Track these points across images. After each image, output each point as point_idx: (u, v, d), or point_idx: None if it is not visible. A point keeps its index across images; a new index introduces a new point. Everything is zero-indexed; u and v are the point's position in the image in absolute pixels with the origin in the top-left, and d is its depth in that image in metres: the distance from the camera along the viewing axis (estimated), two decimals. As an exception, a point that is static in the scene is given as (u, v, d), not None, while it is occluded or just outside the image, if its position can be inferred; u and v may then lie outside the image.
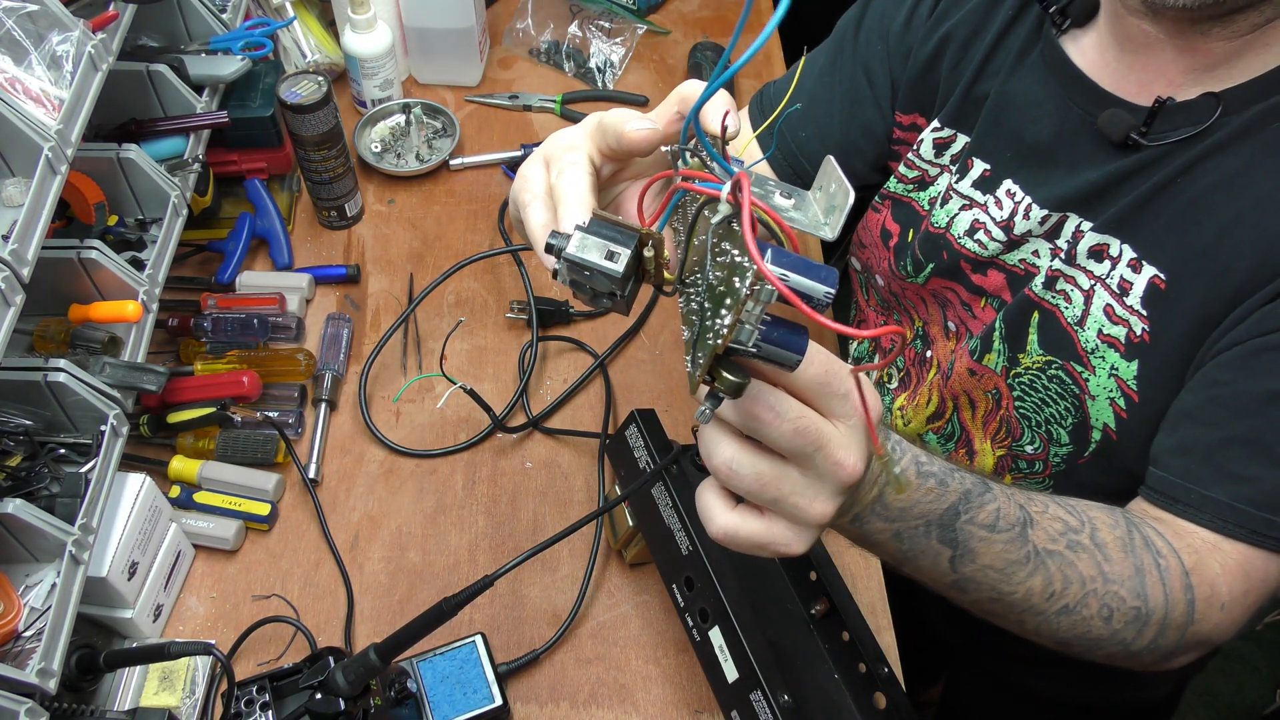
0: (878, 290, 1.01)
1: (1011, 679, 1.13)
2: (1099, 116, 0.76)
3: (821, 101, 0.96)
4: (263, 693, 0.79)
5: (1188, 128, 0.72)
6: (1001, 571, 0.63)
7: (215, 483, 1.01)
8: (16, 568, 0.79)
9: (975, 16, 0.85)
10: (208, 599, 0.96)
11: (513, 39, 1.48)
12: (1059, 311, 0.81)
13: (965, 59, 0.85)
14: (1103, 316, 0.78)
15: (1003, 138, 0.84)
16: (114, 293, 0.93)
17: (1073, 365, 0.80)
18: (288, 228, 1.22)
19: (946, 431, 0.94)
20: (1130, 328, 0.76)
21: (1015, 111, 0.82)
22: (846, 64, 0.94)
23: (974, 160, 0.86)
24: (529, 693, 0.91)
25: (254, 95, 1.16)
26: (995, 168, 0.85)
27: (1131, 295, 0.76)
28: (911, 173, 0.92)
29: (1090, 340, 0.79)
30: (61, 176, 0.81)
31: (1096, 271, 0.78)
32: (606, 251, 0.48)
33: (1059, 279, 0.80)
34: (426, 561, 0.99)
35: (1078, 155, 0.79)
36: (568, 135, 0.58)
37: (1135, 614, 0.66)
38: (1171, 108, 0.72)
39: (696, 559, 0.82)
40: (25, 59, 0.82)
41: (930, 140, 0.89)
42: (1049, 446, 0.85)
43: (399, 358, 1.14)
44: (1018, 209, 0.82)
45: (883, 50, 0.91)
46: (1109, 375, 0.78)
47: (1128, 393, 0.77)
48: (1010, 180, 0.83)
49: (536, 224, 0.55)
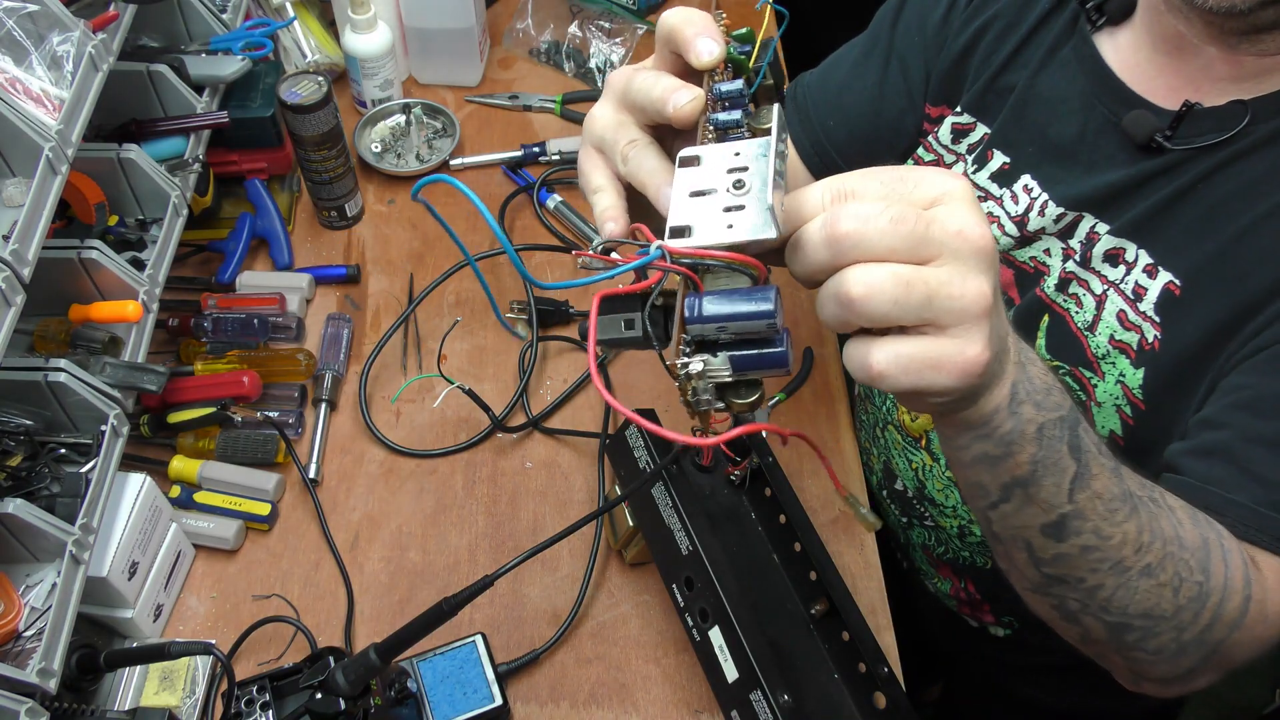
0: None
1: (1010, 688, 1.12)
2: (1124, 117, 0.75)
3: (853, 91, 0.94)
4: (263, 693, 0.79)
5: (1213, 134, 0.71)
6: (1108, 505, 0.57)
7: (215, 483, 1.01)
8: (17, 568, 0.80)
9: (1012, 9, 0.84)
10: (208, 599, 0.96)
11: (513, 39, 1.48)
12: (1069, 316, 0.80)
13: (997, 50, 0.84)
14: (1115, 322, 0.77)
15: (1026, 132, 0.82)
16: (114, 293, 0.93)
17: (1081, 371, 0.79)
18: (288, 228, 1.22)
19: None
20: (1143, 334, 0.75)
21: (1041, 106, 0.81)
22: (880, 56, 0.93)
23: (994, 152, 0.85)
24: (529, 693, 0.91)
25: (254, 95, 1.16)
26: (1015, 161, 0.83)
27: (1145, 301, 0.74)
28: (928, 156, 0.91)
29: (1101, 346, 0.78)
30: (62, 176, 0.81)
31: (1110, 276, 0.77)
32: (622, 323, 0.51)
33: (1072, 282, 0.79)
34: (426, 561, 0.99)
35: (1099, 155, 0.78)
36: (606, 116, 0.56)
37: (1198, 590, 0.61)
38: (1199, 112, 0.71)
39: (696, 559, 0.82)
40: (26, 59, 0.82)
41: (949, 126, 0.88)
42: None
43: (399, 358, 1.14)
44: (1033, 205, 0.81)
45: (919, 43, 0.90)
46: (1116, 382, 0.77)
47: (1134, 400, 0.76)
48: (1029, 175, 0.82)
49: (604, 208, 0.55)
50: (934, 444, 0.94)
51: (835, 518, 1.02)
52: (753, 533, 0.89)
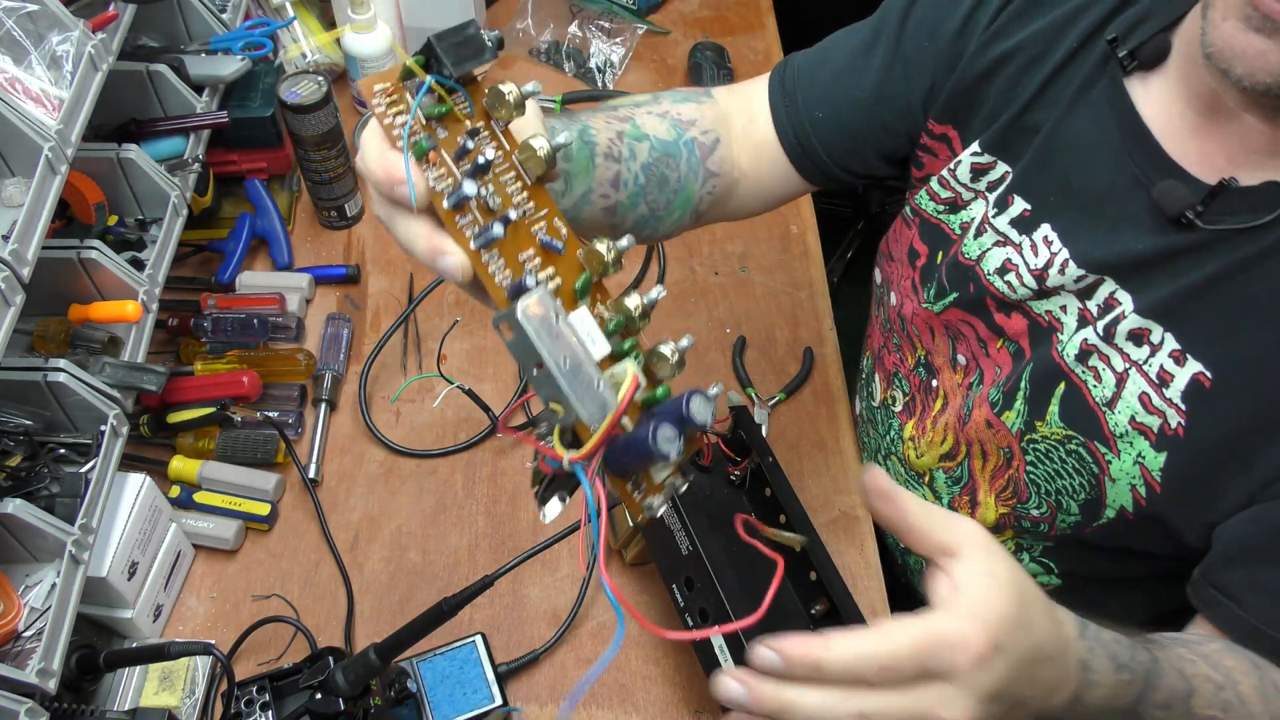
0: (886, 308, 0.97)
1: None
2: (1155, 185, 0.71)
3: (849, 85, 0.88)
4: (263, 693, 0.79)
5: (1247, 216, 0.67)
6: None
7: (215, 483, 1.01)
8: (16, 568, 0.79)
9: (1038, 42, 0.78)
10: (208, 599, 0.96)
11: (513, 39, 1.48)
12: (1086, 388, 0.76)
13: (1021, 84, 0.79)
14: (1137, 404, 0.73)
15: (1049, 177, 0.78)
16: (114, 293, 0.93)
17: (1096, 445, 0.76)
18: (288, 228, 1.22)
19: (955, 474, 0.90)
20: (1166, 419, 0.72)
21: (1066, 152, 0.77)
22: (884, 53, 0.86)
23: (1014, 198, 0.80)
24: (529, 693, 0.91)
25: (254, 95, 1.16)
26: (1036, 209, 0.79)
27: (1171, 388, 0.71)
28: (945, 192, 0.86)
29: (1120, 425, 0.74)
30: (61, 176, 0.81)
31: (1134, 355, 0.73)
32: None
33: (1092, 354, 0.76)
34: (426, 561, 0.99)
35: (1125, 215, 0.73)
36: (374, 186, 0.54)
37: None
38: (1234, 191, 0.67)
39: (696, 559, 0.82)
40: (25, 59, 0.82)
41: (969, 164, 0.83)
42: (1056, 514, 0.81)
43: (399, 358, 1.14)
44: (1053, 260, 0.77)
45: (929, 50, 0.84)
46: (1134, 462, 0.74)
47: (1151, 482, 0.74)
48: (1049, 225, 0.78)
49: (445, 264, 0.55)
50: (937, 481, 0.92)
51: (835, 517, 1.02)
52: (753, 533, 0.89)
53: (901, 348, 0.95)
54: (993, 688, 0.49)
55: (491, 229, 0.51)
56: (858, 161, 0.89)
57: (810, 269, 1.23)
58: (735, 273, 1.23)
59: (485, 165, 0.51)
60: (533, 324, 0.46)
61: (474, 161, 0.51)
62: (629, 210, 0.76)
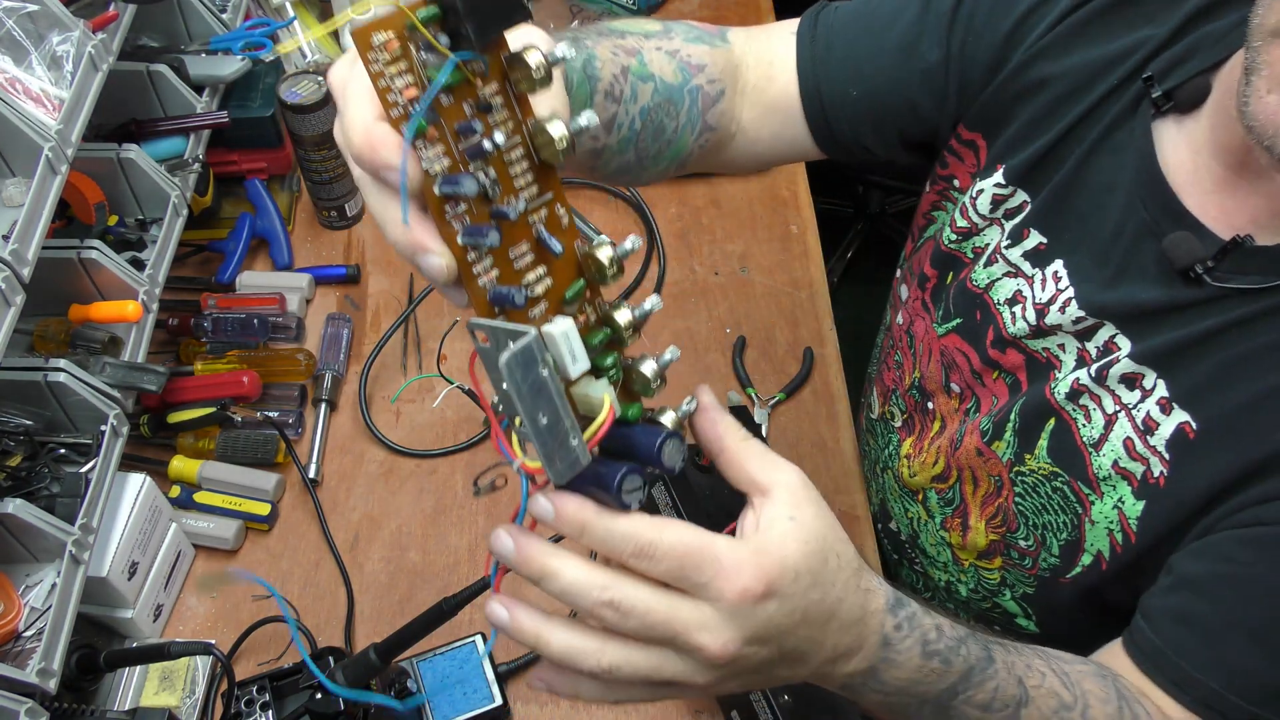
0: (898, 323, 0.95)
1: None
2: (1166, 236, 0.69)
3: (889, 61, 0.81)
4: (263, 693, 0.79)
5: (1258, 276, 0.65)
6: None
7: (215, 483, 1.01)
8: (17, 568, 0.80)
9: (1080, 75, 0.75)
10: (208, 599, 0.96)
11: (513, 39, 1.48)
12: (1075, 427, 0.75)
13: (1054, 115, 0.76)
14: (1121, 449, 0.72)
15: (1066, 214, 0.76)
16: (114, 293, 0.93)
17: (1080, 485, 0.75)
18: (288, 228, 1.22)
19: (948, 496, 0.89)
20: (1149, 467, 0.71)
21: (1086, 193, 0.75)
22: (932, 38, 0.80)
23: (1030, 230, 0.78)
24: (529, 693, 0.91)
25: (254, 95, 1.16)
26: (1051, 243, 0.77)
27: (1156, 436, 0.70)
28: (963, 222, 0.85)
29: (1104, 468, 0.73)
30: (61, 176, 0.81)
31: (1124, 399, 0.72)
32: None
33: (1084, 394, 0.74)
34: (426, 561, 0.99)
35: (1131, 263, 0.72)
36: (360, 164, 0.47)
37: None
38: (1248, 249, 0.65)
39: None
40: (25, 59, 0.82)
41: (990, 195, 0.81)
42: (1041, 550, 0.80)
43: (399, 358, 1.14)
44: (1058, 297, 0.76)
45: (976, 46, 0.79)
46: (1114, 507, 0.73)
47: (1127, 530, 0.73)
48: (1060, 262, 0.76)
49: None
50: (930, 500, 0.91)
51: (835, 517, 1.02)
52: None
53: (902, 365, 0.94)
54: (760, 630, 0.49)
55: (486, 235, 0.44)
56: (877, 141, 0.85)
57: (810, 269, 1.23)
58: (735, 273, 1.23)
59: (492, 149, 0.44)
60: (515, 377, 0.43)
61: (479, 146, 0.44)
62: (615, 155, 0.73)
